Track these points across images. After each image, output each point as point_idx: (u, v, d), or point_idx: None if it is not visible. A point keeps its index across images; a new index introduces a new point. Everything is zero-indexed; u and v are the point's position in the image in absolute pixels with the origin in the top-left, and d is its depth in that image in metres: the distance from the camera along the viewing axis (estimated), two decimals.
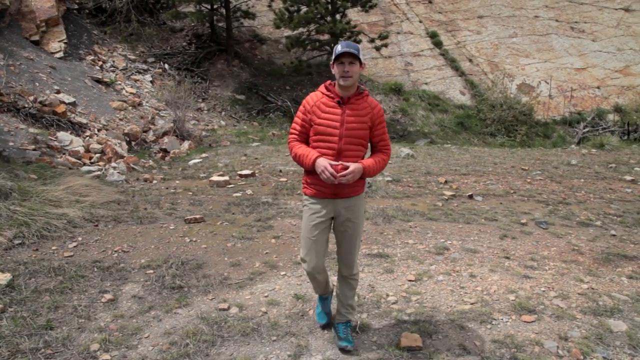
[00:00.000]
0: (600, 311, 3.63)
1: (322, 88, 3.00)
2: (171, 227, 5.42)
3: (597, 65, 19.36)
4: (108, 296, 3.75)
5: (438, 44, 19.42)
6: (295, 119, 3.03)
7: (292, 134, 3.04)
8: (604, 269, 4.59)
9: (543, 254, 4.93)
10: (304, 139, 3.01)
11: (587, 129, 16.61)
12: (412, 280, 4.16)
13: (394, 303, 3.75)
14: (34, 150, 7.96)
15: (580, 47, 20.01)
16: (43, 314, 3.45)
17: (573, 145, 14.76)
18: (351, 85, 2.88)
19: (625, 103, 17.70)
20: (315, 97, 2.97)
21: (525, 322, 3.46)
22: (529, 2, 21.64)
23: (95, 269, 4.26)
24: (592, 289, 4.07)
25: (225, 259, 4.61)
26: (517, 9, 21.27)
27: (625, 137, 15.96)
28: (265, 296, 3.84)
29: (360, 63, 2.85)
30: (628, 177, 8.73)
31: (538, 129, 16.67)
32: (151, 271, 4.25)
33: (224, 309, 3.60)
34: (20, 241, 4.71)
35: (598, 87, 18.62)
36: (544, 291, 3.98)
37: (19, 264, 4.21)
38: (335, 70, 2.88)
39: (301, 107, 3.01)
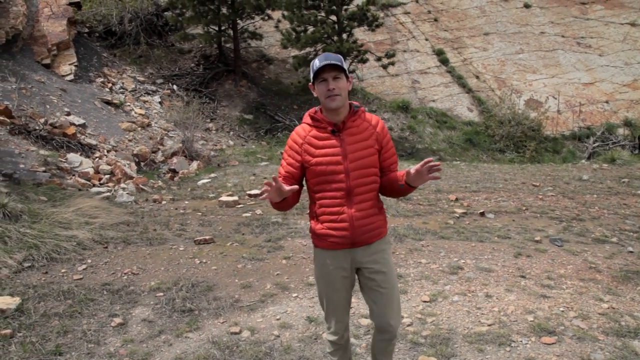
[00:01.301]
0: (624, 332, 3.51)
1: (306, 119, 2.44)
2: (181, 249, 5.38)
3: (604, 79, 19.28)
4: (118, 320, 3.70)
5: (444, 62, 19.47)
6: (282, 161, 2.48)
7: None
8: (623, 287, 4.47)
9: (559, 272, 4.82)
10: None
11: (597, 144, 16.47)
12: (427, 301, 4.07)
13: (409, 325, 3.66)
14: (44, 172, 8.00)
15: (587, 62, 19.98)
16: (52, 338, 3.40)
17: (583, 160, 14.61)
18: (342, 106, 2.33)
19: (635, 117, 17.56)
20: (303, 132, 2.41)
21: (545, 344, 3.36)
22: (534, 18, 21.72)
23: (105, 292, 4.22)
24: (613, 308, 3.95)
25: (236, 280, 4.54)
26: (523, 25, 21.34)
27: (637, 151, 15.78)
28: (277, 319, 3.77)
29: (347, 76, 2.32)
30: None
31: (547, 145, 16.55)
32: (161, 294, 4.20)
33: (235, 333, 3.54)
34: (29, 264, 4.68)
35: (607, 102, 18.52)
36: (563, 311, 3.87)
37: (29, 288, 4.18)
38: (317, 91, 2.33)
39: (287, 148, 2.44)
